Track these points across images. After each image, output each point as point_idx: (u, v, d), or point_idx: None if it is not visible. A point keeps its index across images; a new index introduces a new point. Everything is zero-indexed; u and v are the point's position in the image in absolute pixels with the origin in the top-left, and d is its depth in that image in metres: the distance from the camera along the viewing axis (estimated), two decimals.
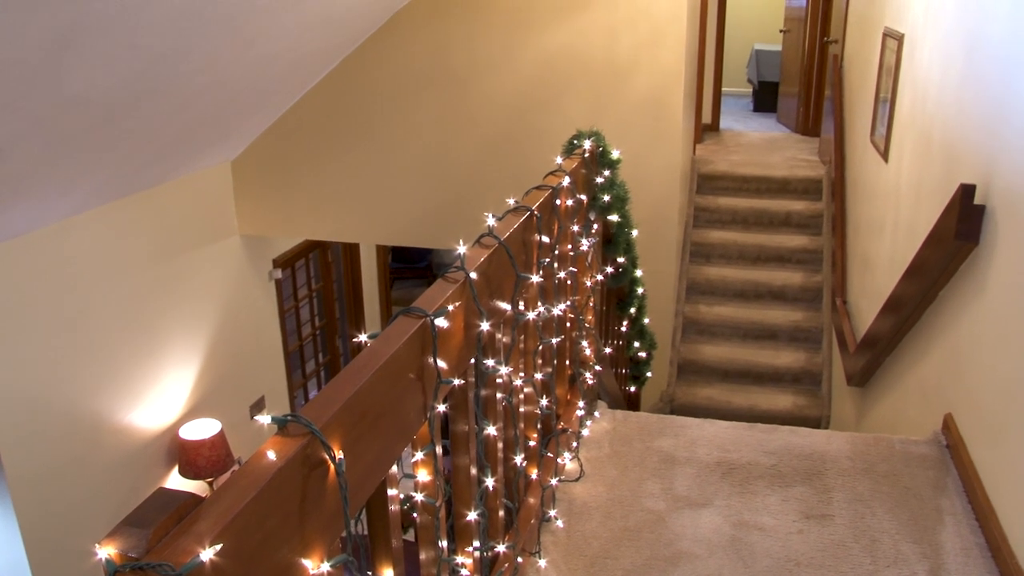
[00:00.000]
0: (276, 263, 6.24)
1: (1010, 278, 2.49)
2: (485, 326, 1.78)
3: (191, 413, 5.15)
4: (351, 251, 7.61)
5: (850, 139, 6.10)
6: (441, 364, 1.59)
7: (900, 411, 3.76)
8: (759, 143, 8.30)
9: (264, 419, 1.22)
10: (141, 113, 3.74)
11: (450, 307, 1.60)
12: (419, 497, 1.66)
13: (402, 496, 1.65)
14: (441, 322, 1.55)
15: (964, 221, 2.74)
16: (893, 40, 4.46)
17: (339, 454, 1.24)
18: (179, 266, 5.07)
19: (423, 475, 1.68)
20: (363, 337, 1.48)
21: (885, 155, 4.50)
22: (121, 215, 4.52)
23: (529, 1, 4.96)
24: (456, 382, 1.69)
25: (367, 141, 5.41)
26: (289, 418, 1.20)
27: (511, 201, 2.21)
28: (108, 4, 2.69)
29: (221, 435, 4.90)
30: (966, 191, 2.74)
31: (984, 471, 2.63)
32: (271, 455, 1.14)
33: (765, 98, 10.21)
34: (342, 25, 4.68)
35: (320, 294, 7.25)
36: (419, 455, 1.65)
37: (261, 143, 5.50)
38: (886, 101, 4.57)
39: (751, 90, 10.74)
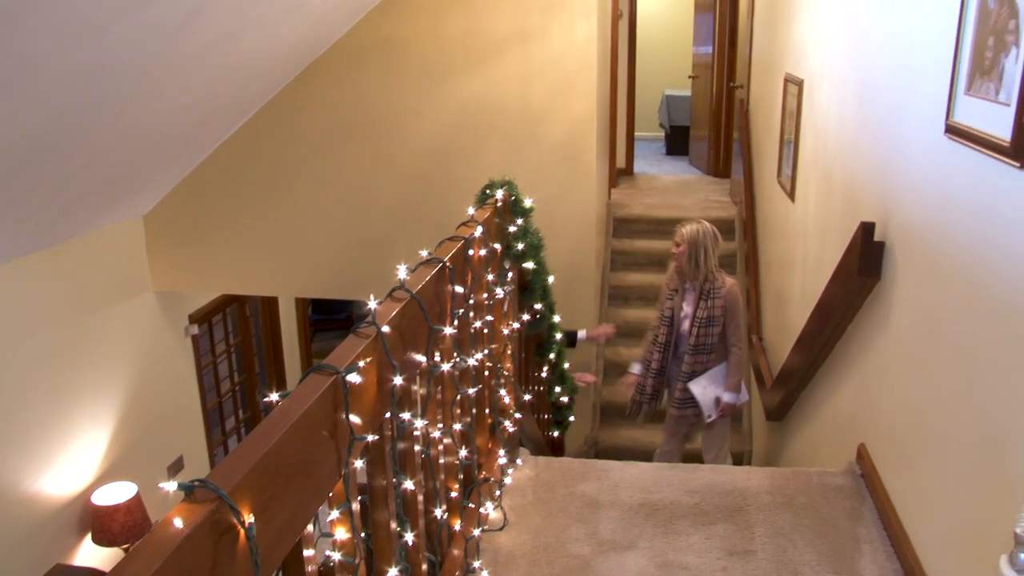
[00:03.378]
0: (192, 318, 6.11)
1: (911, 310, 2.59)
2: (398, 380, 1.77)
3: (105, 477, 4.96)
4: (270, 304, 7.49)
5: (759, 180, 6.28)
6: (355, 420, 1.57)
7: (817, 443, 3.84)
8: (673, 186, 8.49)
9: (170, 486, 1.19)
10: (47, 168, 3.65)
11: (361, 363, 1.59)
12: (336, 556, 1.63)
13: (328, 553, 1.62)
14: (353, 378, 1.54)
15: (865, 258, 2.85)
16: (794, 85, 4.64)
17: (249, 518, 1.21)
18: (90, 325, 4.92)
19: (341, 533, 1.66)
20: (274, 396, 1.46)
21: (792, 195, 4.65)
22: (26, 273, 4.37)
23: (444, 51, 5.02)
24: (371, 438, 1.67)
25: (283, 193, 5.37)
26: (196, 484, 1.17)
27: (423, 253, 2.21)
28: (9, 58, 2.63)
29: (137, 498, 4.73)
30: (866, 229, 2.85)
31: (896, 498, 2.70)
32: (177, 523, 1.11)
33: (677, 142, 10.46)
34: (257, 76, 4.66)
35: (239, 349, 7.11)
36: (335, 513, 1.62)
37: (174, 196, 5.40)
38: (790, 143, 4.73)
39: (663, 134, 10.99)
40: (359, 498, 1.71)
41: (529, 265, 3.23)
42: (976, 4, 2.04)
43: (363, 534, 1.80)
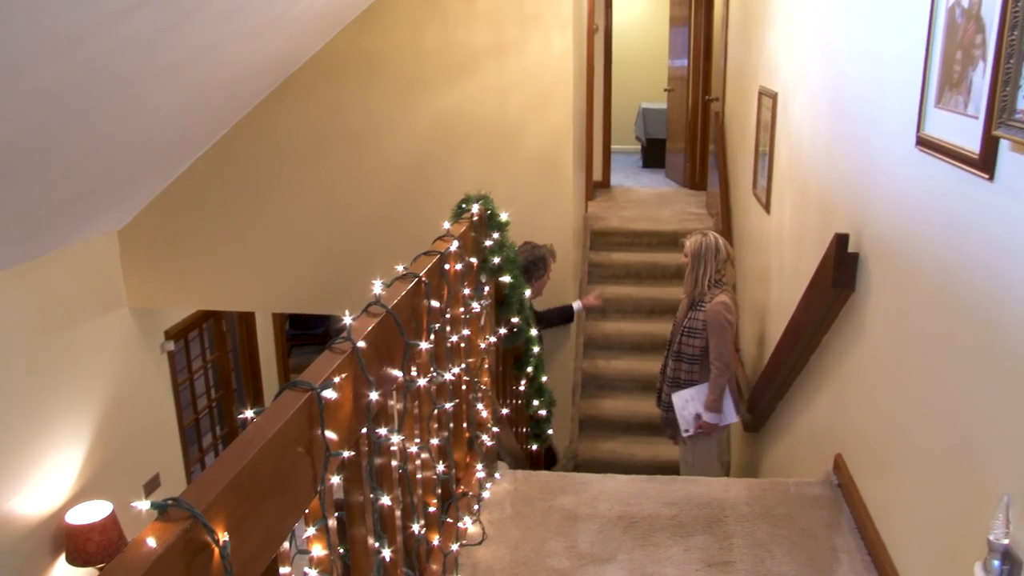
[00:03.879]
0: (168, 335, 6.06)
1: (885, 320, 2.61)
2: (374, 396, 1.77)
3: (79, 496, 4.90)
4: (246, 319, 7.44)
5: (735, 192, 6.32)
6: (331, 436, 1.56)
7: (794, 454, 3.86)
8: (649, 198, 8.52)
9: (143, 505, 1.18)
10: (20, 183, 3.61)
11: (336, 379, 1.58)
12: (313, 573, 1.62)
13: (304, 570, 1.61)
14: (328, 394, 1.53)
15: (840, 269, 2.88)
16: (768, 98, 4.67)
17: (223, 536, 1.20)
18: (64, 341, 4.86)
19: (318, 550, 1.64)
20: (248, 413, 1.45)
21: (767, 207, 4.68)
22: None
23: (421, 64, 5.02)
24: (347, 454, 1.66)
25: (260, 207, 5.35)
26: (169, 503, 1.16)
27: (400, 268, 2.21)
28: None
29: (112, 517, 4.67)
30: (840, 240, 2.87)
31: (873, 507, 2.72)
32: (151, 542, 1.10)
33: (653, 154, 10.51)
34: (234, 89, 4.64)
35: (216, 365, 7.06)
36: (311, 530, 1.61)
37: (150, 211, 5.36)
38: (765, 155, 4.76)
39: (640, 147, 11.04)
40: (336, 514, 1.70)
41: (506, 279, 3.23)
42: (944, 19, 2.07)
43: (340, 550, 1.79)
